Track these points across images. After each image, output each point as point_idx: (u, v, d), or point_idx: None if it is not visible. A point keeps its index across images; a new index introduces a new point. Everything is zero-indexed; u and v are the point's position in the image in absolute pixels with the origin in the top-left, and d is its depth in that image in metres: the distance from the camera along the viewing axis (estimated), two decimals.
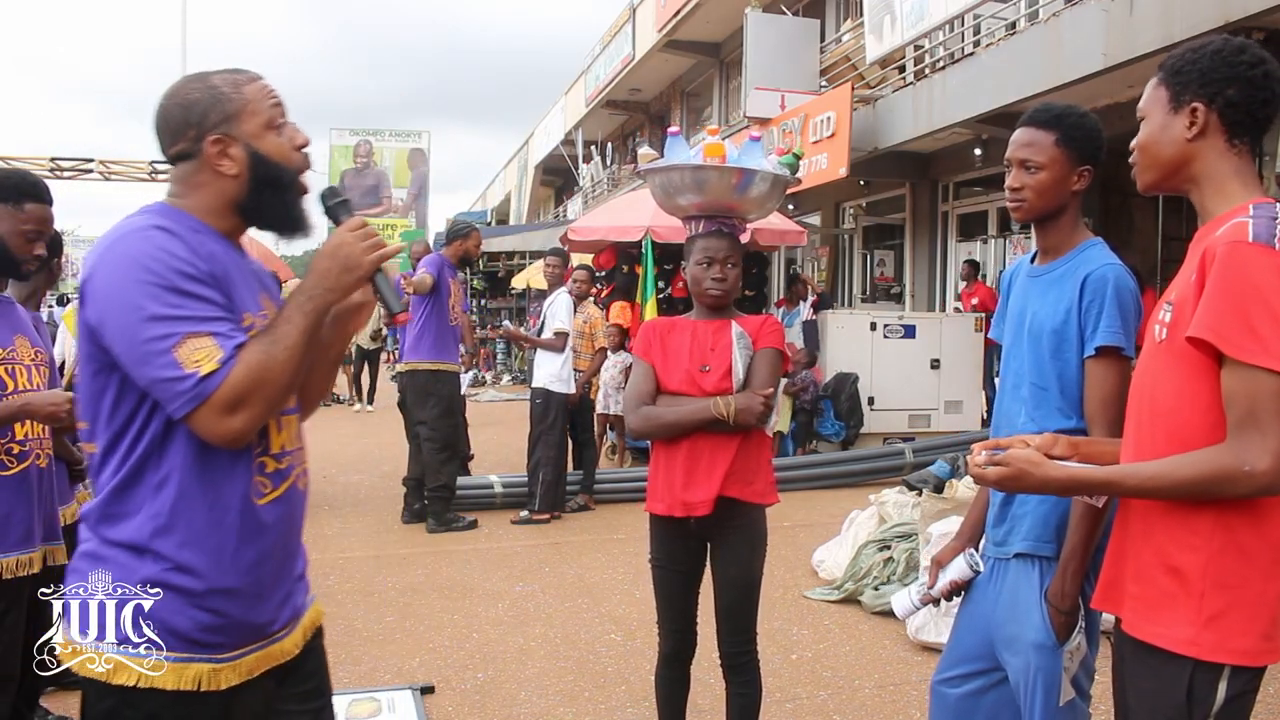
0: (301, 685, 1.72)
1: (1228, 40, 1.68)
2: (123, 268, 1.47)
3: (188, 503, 1.52)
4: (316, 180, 1.73)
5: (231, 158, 1.59)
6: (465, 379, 7.20)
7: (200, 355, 1.44)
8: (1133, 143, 1.73)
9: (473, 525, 6.48)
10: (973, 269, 10.80)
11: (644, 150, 3.13)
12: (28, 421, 2.63)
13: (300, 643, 1.69)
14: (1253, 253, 1.51)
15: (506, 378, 18.74)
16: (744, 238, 2.97)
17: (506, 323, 12.65)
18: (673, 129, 3.08)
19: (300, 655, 1.70)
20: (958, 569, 2.20)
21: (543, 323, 6.95)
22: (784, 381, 2.89)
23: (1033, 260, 2.19)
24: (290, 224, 1.68)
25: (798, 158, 2.94)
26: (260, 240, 16.75)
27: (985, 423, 9.29)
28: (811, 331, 9.62)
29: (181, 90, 1.62)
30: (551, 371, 6.74)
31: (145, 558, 1.51)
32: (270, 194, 1.62)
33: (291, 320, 1.54)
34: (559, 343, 6.72)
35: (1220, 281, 1.52)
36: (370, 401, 13.93)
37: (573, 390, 6.87)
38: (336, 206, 1.69)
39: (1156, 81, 1.69)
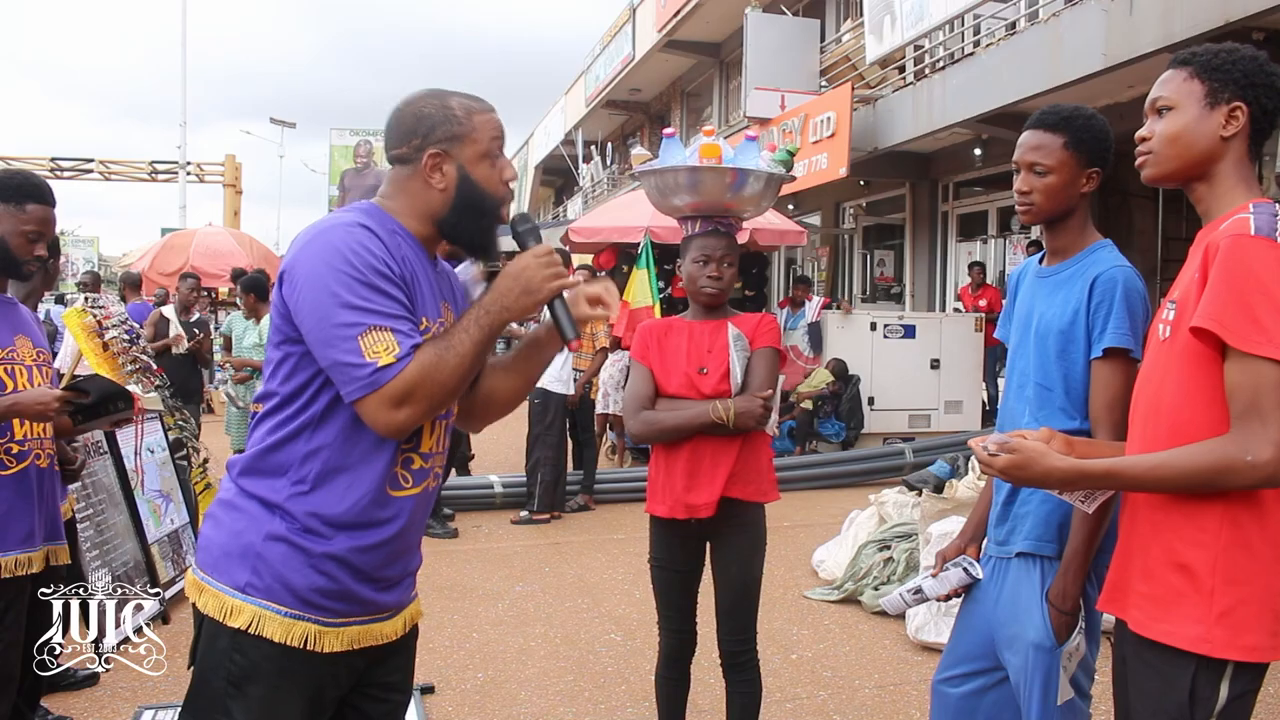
0: (388, 675, 1.79)
1: (1250, 47, 1.70)
2: (326, 257, 1.57)
3: (330, 478, 1.62)
4: (321, 182, 1.75)
5: (444, 174, 1.68)
6: None
7: (380, 348, 1.54)
8: (1147, 131, 1.72)
9: (452, 534, 6.25)
10: (981, 272, 10.76)
11: (637, 150, 3.12)
12: (27, 421, 2.64)
13: (400, 630, 1.77)
14: (1255, 245, 1.52)
15: None
16: (741, 237, 2.97)
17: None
18: (668, 130, 3.08)
19: (395, 644, 1.77)
20: (956, 578, 2.20)
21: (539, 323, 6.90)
22: (782, 378, 2.88)
23: (1041, 261, 2.19)
24: (479, 247, 1.77)
25: (791, 154, 2.93)
26: (261, 242, 16.79)
27: (985, 422, 9.29)
28: (817, 334, 9.61)
29: (419, 101, 1.71)
30: (550, 371, 6.73)
31: (275, 514, 1.62)
32: (468, 216, 1.71)
33: (467, 331, 1.62)
34: None
35: (1223, 273, 1.53)
36: None
37: (571, 391, 6.86)
38: (526, 233, 1.75)
39: (1187, 74, 1.68)
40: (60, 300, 12.77)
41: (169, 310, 8.21)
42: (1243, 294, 1.50)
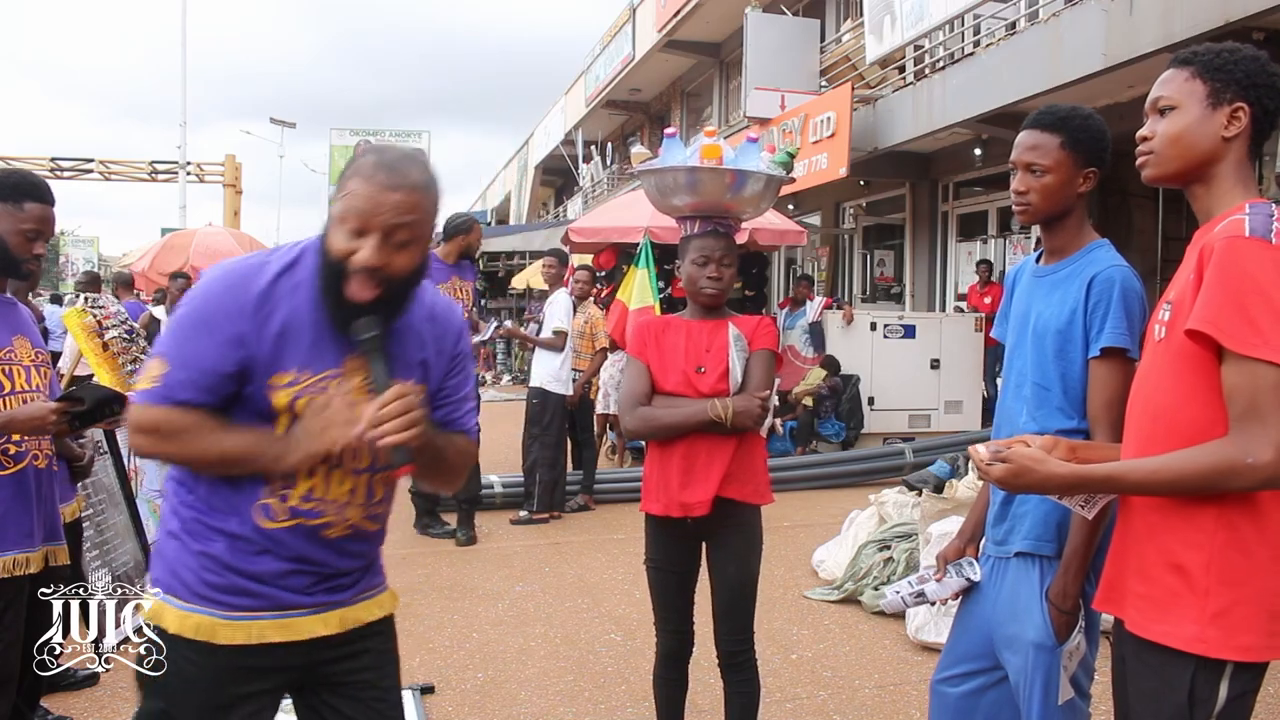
0: (359, 674, 1.80)
1: (1251, 47, 1.70)
2: (196, 289, 1.70)
3: (211, 497, 1.70)
4: (321, 182, 1.77)
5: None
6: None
7: (151, 374, 1.64)
8: (1148, 131, 1.72)
9: (452, 534, 6.15)
10: (988, 269, 10.74)
11: (636, 149, 3.11)
12: None
13: (334, 629, 1.75)
14: (1250, 246, 1.52)
15: (507, 378, 18.77)
16: (740, 237, 2.97)
17: (508, 321, 12.62)
18: (669, 130, 3.08)
19: (345, 645, 1.77)
20: (957, 585, 2.20)
21: (542, 323, 6.89)
22: (777, 380, 2.88)
23: (1038, 260, 2.19)
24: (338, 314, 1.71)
25: (791, 156, 2.92)
26: (260, 241, 16.78)
27: (985, 422, 9.29)
28: (819, 335, 9.60)
29: (358, 152, 1.70)
30: (549, 371, 6.73)
31: (175, 515, 1.73)
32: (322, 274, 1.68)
33: (237, 436, 1.64)
34: (558, 342, 6.71)
35: (1218, 275, 1.52)
36: None
37: (570, 391, 6.85)
38: (368, 346, 1.66)
39: (1189, 74, 1.68)
40: (57, 300, 12.79)
41: (159, 311, 8.21)
42: (1238, 296, 1.50)
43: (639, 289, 7.94)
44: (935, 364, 9.38)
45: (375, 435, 1.59)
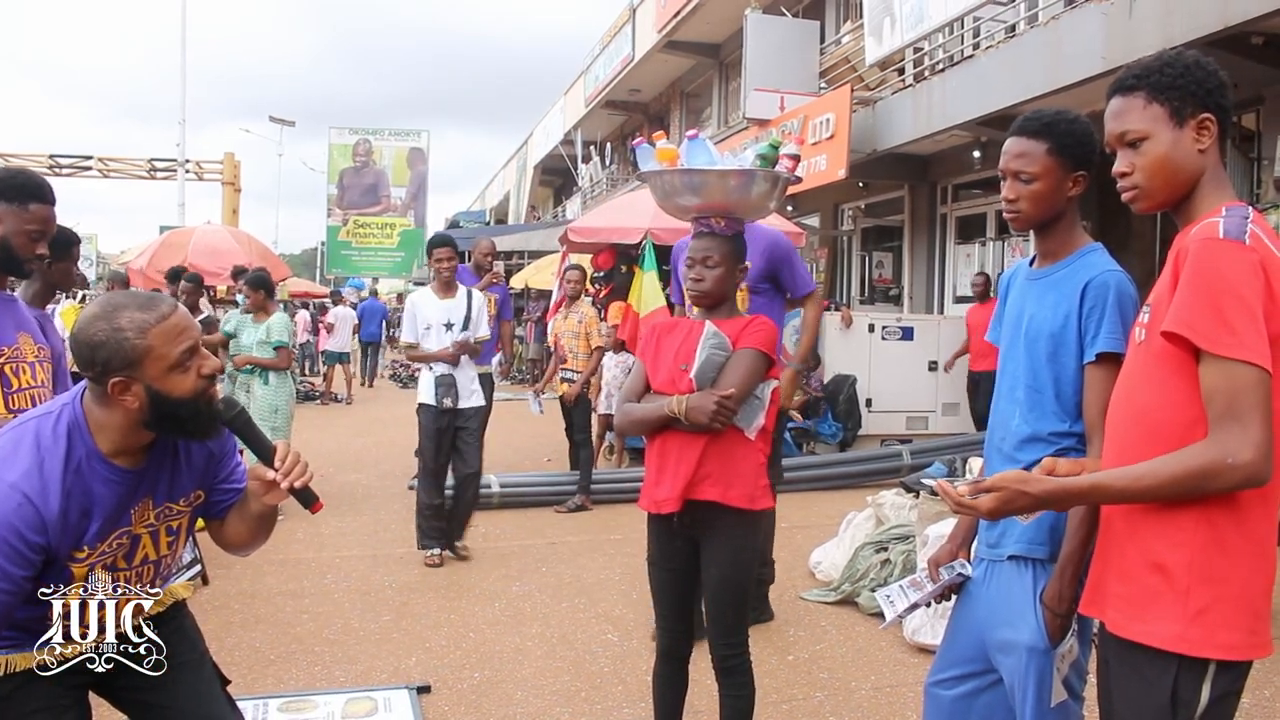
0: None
1: (1192, 52, 1.71)
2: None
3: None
4: (320, 180, 1.82)
5: (133, 394, 1.75)
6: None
7: None
8: (1126, 165, 1.71)
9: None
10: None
11: (663, 145, 3.11)
12: None
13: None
14: (1223, 248, 1.53)
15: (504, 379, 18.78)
16: None
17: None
18: (636, 140, 3.11)
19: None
20: (947, 578, 2.22)
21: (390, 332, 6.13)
22: (772, 384, 2.85)
23: (1031, 263, 2.20)
24: (195, 439, 1.90)
25: (774, 148, 2.88)
26: (258, 240, 16.79)
27: (981, 425, 9.30)
28: None
29: (90, 327, 1.74)
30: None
31: None
32: (170, 423, 1.82)
33: None
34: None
35: (1193, 277, 1.54)
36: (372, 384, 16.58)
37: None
38: (239, 415, 1.89)
39: (1144, 99, 1.68)
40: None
41: None
42: (1213, 298, 1.52)
43: (649, 292, 7.93)
44: (933, 366, 9.40)
45: (289, 483, 1.82)
